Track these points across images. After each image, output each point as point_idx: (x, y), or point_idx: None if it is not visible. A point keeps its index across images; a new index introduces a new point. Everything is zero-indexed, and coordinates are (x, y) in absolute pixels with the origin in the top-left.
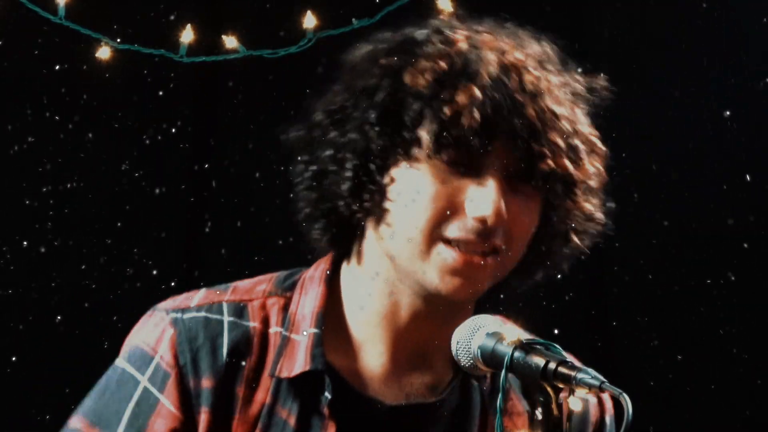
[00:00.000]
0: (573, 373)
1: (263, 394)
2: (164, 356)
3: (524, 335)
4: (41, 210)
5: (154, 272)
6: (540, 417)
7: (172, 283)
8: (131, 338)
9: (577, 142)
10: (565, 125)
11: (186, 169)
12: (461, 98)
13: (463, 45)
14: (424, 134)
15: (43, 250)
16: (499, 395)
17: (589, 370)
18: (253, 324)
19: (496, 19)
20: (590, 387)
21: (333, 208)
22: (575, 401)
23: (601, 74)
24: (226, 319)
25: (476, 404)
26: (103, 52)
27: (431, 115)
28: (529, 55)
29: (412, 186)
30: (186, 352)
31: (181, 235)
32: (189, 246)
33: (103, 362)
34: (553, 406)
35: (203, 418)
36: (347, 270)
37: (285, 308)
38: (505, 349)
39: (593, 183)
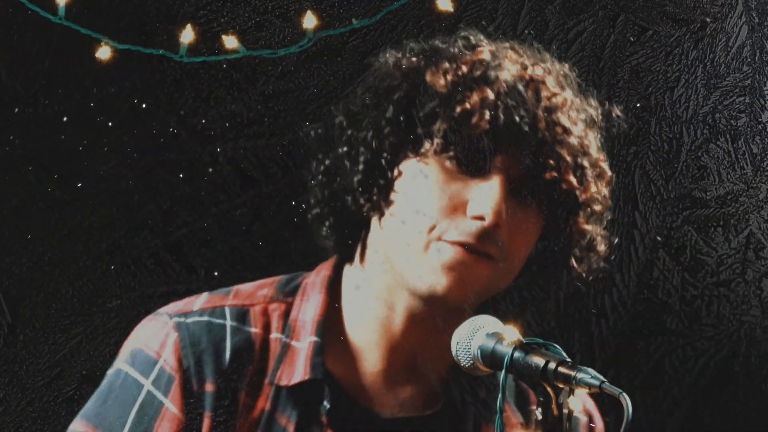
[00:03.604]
0: (573, 373)
1: (263, 400)
2: (168, 360)
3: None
4: (40, 210)
5: (151, 270)
6: (540, 417)
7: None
8: (132, 342)
9: (585, 162)
10: (576, 143)
11: (185, 170)
12: (474, 99)
13: (486, 54)
14: (435, 131)
15: (40, 250)
16: (499, 396)
17: (589, 370)
18: (255, 330)
19: (522, 39)
20: (590, 387)
21: (342, 205)
22: (575, 401)
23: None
24: (229, 323)
25: (470, 418)
26: (103, 52)
27: (443, 113)
28: (550, 73)
29: (418, 180)
30: (190, 356)
31: (179, 233)
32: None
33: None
34: (553, 406)
35: (205, 423)
36: (349, 273)
37: (286, 314)
38: (505, 349)
39: (597, 207)
